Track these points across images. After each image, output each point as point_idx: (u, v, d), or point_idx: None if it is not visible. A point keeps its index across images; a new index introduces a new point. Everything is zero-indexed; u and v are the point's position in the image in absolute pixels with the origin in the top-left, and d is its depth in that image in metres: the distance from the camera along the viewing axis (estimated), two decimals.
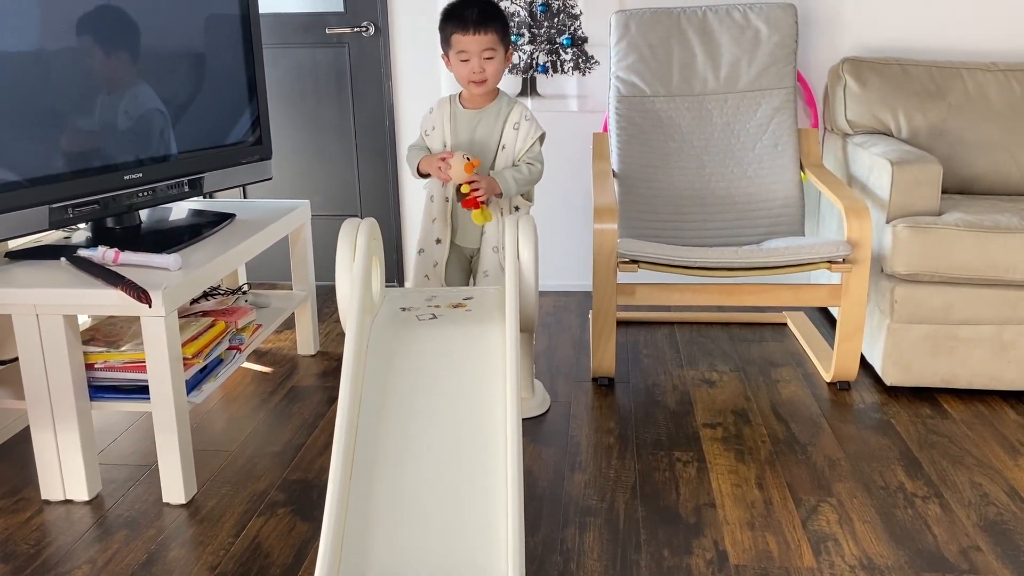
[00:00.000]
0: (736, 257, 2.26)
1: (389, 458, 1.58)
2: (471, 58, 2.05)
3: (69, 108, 1.90)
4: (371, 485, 1.53)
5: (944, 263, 2.22)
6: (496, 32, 2.05)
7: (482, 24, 2.03)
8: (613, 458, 2.04)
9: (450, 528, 1.49)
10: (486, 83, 2.10)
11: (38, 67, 1.83)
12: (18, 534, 1.76)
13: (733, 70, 2.77)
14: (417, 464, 1.56)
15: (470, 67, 2.06)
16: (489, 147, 2.16)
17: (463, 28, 2.03)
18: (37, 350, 1.78)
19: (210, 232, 2.17)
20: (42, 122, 1.85)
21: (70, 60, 1.90)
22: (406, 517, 1.50)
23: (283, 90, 3.21)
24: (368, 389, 1.66)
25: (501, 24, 2.07)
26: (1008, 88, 2.70)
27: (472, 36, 2.03)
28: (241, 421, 2.25)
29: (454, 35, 2.06)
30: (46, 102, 1.85)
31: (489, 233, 2.17)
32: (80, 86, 1.92)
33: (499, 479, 1.54)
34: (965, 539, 1.71)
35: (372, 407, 1.65)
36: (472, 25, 2.02)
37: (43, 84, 1.84)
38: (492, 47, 2.06)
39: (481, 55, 2.05)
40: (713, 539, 1.72)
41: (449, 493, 1.53)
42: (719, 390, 2.41)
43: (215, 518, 1.81)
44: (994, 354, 2.28)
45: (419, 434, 1.60)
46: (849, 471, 1.97)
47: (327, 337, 2.84)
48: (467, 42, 2.04)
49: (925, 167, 2.30)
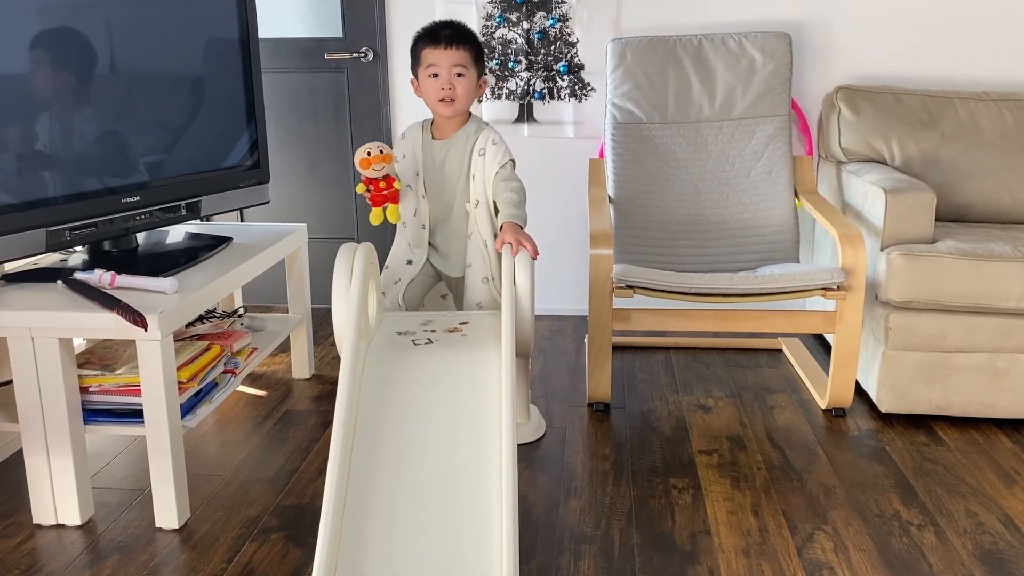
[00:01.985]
0: (731, 283, 2.27)
1: (384, 484, 1.57)
2: (441, 72, 1.98)
3: (66, 131, 1.91)
4: (365, 512, 1.52)
5: (938, 291, 2.23)
6: (468, 51, 1.99)
7: (454, 41, 1.97)
8: (608, 484, 2.03)
9: (445, 556, 1.48)
10: (455, 103, 2.00)
11: (35, 90, 1.84)
12: (9, 559, 1.75)
13: (728, 98, 2.80)
14: (412, 491, 1.55)
15: (439, 83, 1.98)
16: (459, 179, 2.08)
17: (434, 43, 1.97)
18: (32, 373, 1.78)
19: (207, 255, 2.17)
20: (39, 145, 1.85)
21: (68, 83, 1.91)
22: (400, 544, 1.49)
23: (282, 114, 3.23)
24: (363, 414, 1.66)
25: (474, 46, 2.01)
26: (1000, 117, 2.73)
27: (443, 50, 1.96)
28: (235, 445, 2.24)
29: (424, 50, 1.99)
30: (43, 125, 1.86)
31: (476, 264, 2.09)
32: (77, 109, 1.93)
33: (494, 506, 1.54)
34: (961, 568, 1.71)
35: (367, 433, 1.64)
36: (444, 40, 1.97)
37: (40, 107, 1.85)
38: (463, 64, 1.98)
39: (451, 70, 1.97)
40: (709, 567, 1.71)
41: (444, 520, 1.53)
42: (715, 416, 2.40)
43: (208, 543, 1.80)
44: (988, 382, 2.28)
45: (414, 460, 1.59)
46: (844, 499, 1.97)
47: (322, 360, 2.84)
48: (437, 55, 1.97)
49: (919, 195, 2.32)
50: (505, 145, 2.08)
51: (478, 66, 2.02)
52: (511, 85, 3.09)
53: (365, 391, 1.71)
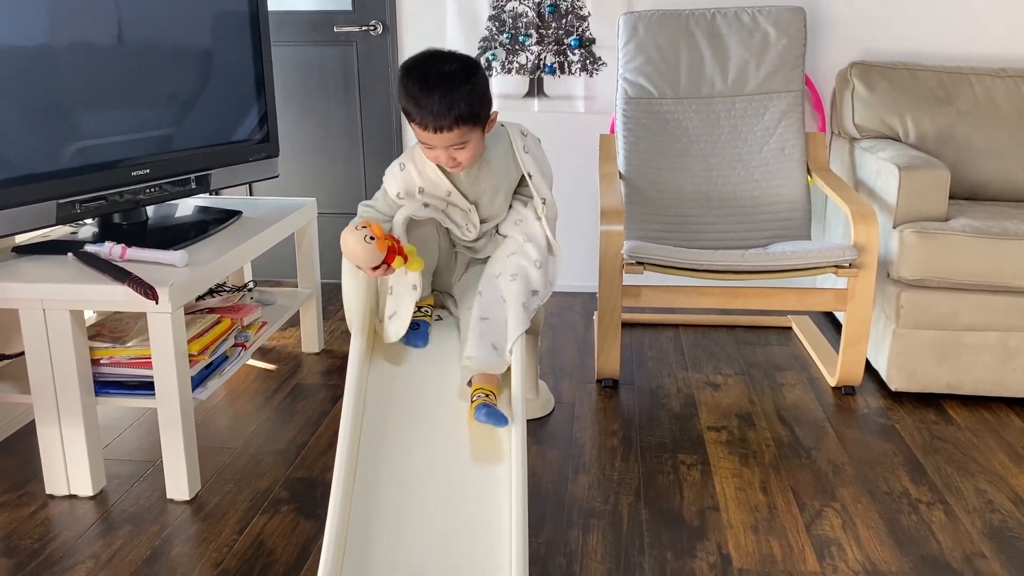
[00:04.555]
0: (742, 260, 2.26)
1: (393, 459, 1.58)
2: (436, 150, 1.63)
3: (77, 103, 1.90)
4: (375, 486, 1.53)
5: (951, 269, 2.21)
6: (464, 124, 1.57)
7: (443, 123, 1.56)
8: (617, 460, 2.03)
9: (453, 528, 1.49)
10: (461, 166, 1.66)
11: (46, 62, 1.83)
12: (22, 528, 1.77)
13: (741, 73, 2.77)
14: (421, 464, 1.55)
15: (436, 156, 1.64)
16: (503, 189, 1.76)
17: (421, 124, 1.58)
18: (43, 345, 1.78)
19: (217, 229, 2.17)
20: (50, 117, 1.85)
21: (78, 55, 1.90)
22: (409, 518, 1.50)
23: (290, 88, 3.21)
24: (373, 391, 1.66)
25: (472, 111, 1.58)
26: (1017, 94, 2.70)
27: (433, 135, 1.58)
28: (245, 418, 2.25)
29: (412, 123, 1.61)
30: (54, 97, 1.85)
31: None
32: (88, 82, 1.92)
33: (503, 480, 1.54)
34: (969, 546, 1.71)
35: (377, 408, 1.65)
36: (432, 123, 1.57)
37: (51, 79, 1.84)
38: (463, 140, 1.60)
39: (448, 149, 1.62)
40: (717, 542, 1.71)
41: (453, 494, 1.53)
42: (723, 393, 2.40)
43: (218, 515, 1.81)
44: (1000, 361, 2.27)
45: (424, 437, 1.60)
46: (853, 476, 1.97)
47: (332, 335, 2.84)
48: (428, 138, 1.60)
49: (933, 172, 2.30)
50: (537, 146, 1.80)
51: (483, 117, 1.63)
52: (521, 59, 3.06)
53: (375, 367, 1.71)
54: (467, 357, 1.62)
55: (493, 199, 1.76)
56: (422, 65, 1.61)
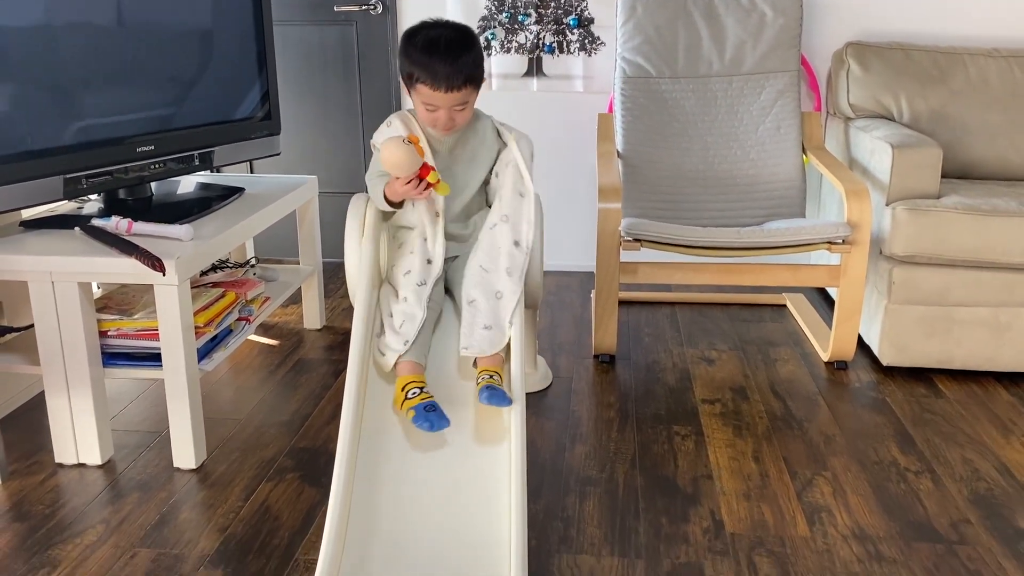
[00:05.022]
0: (737, 237, 2.30)
1: (396, 429, 1.63)
2: (439, 111, 1.73)
3: (83, 81, 1.93)
4: (378, 454, 1.58)
5: (942, 245, 2.25)
6: (471, 85, 1.72)
7: (455, 82, 1.69)
8: (613, 431, 2.08)
9: (454, 495, 1.53)
10: (454, 128, 1.78)
11: (55, 42, 1.86)
12: (33, 495, 1.81)
13: (738, 53, 2.79)
14: (423, 434, 1.60)
15: (436, 117, 1.74)
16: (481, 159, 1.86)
17: (433, 83, 1.69)
18: (52, 316, 1.82)
19: (220, 205, 2.20)
20: (57, 95, 1.88)
21: (86, 35, 1.92)
22: (412, 484, 1.55)
23: (291, 67, 3.23)
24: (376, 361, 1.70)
25: (476, 71, 1.73)
26: (1010, 74, 2.73)
27: (444, 94, 1.70)
28: (249, 391, 2.30)
29: (420, 84, 1.71)
30: (61, 75, 1.88)
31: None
32: (94, 61, 1.95)
33: (503, 449, 1.59)
34: (955, 512, 1.76)
35: (380, 379, 1.69)
36: (444, 83, 1.68)
37: (60, 58, 1.87)
38: (465, 100, 1.73)
39: (451, 109, 1.73)
40: (710, 508, 1.76)
41: (454, 462, 1.58)
42: (718, 368, 2.45)
43: (225, 483, 1.86)
44: (990, 336, 2.32)
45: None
46: (844, 446, 2.01)
47: (333, 312, 2.88)
48: (437, 98, 1.71)
49: (925, 151, 2.33)
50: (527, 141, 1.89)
51: (479, 83, 1.76)
52: (520, 39, 3.09)
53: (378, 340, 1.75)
54: (463, 348, 1.68)
55: (469, 168, 1.85)
56: (426, 31, 1.74)
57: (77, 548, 1.63)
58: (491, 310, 1.70)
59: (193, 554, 1.62)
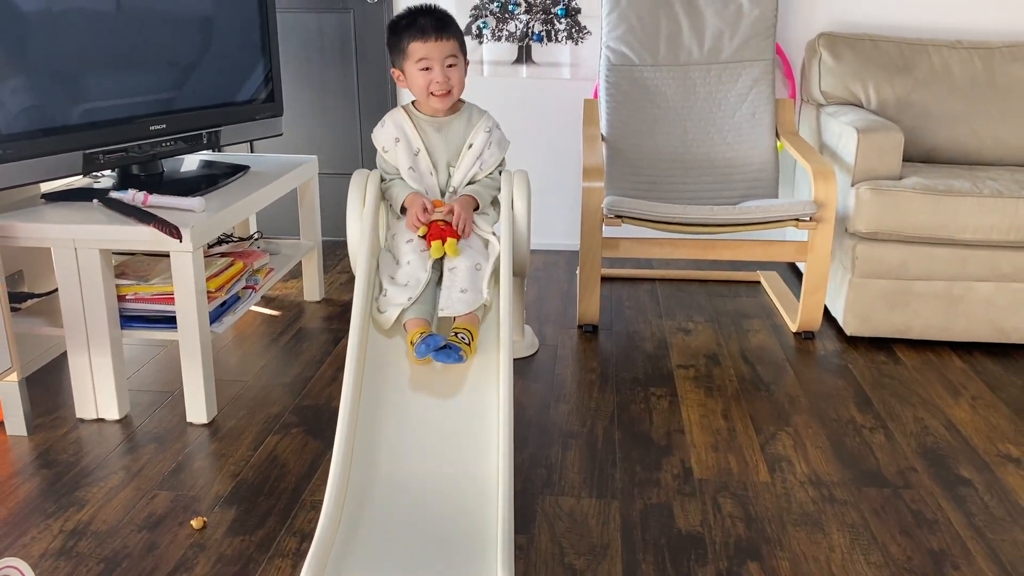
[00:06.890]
0: (711, 214, 2.46)
1: (396, 384, 1.78)
2: (433, 65, 1.90)
3: (101, 63, 2.07)
4: (378, 405, 1.73)
5: (901, 223, 2.42)
6: (456, 39, 1.93)
7: (443, 30, 1.90)
8: (594, 392, 2.24)
9: (447, 443, 1.69)
10: (451, 94, 1.94)
11: (74, 25, 2.00)
12: (57, 446, 1.96)
13: (716, 42, 2.95)
14: (420, 388, 1.75)
15: (432, 76, 1.90)
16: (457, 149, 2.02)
17: (422, 36, 1.89)
18: (75, 281, 1.97)
19: (227, 181, 2.35)
20: (79, 76, 2.02)
21: (102, 20, 2.06)
22: (409, 433, 1.70)
23: (290, 54, 3.37)
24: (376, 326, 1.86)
25: (459, 32, 1.96)
26: (971, 64, 2.90)
27: (434, 43, 1.89)
28: (254, 356, 2.45)
29: (412, 44, 1.90)
30: (80, 58, 2.02)
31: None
32: (110, 43, 2.09)
33: (492, 404, 1.74)
34: (904, 462, 1.93)
35: (379, 341, 1.84)
36: (432, 31, 1.89)
37: (78, 42, 2.01)
38: (454, 54, 1.92)
39: (444, 62, 1.91)
40: (680, 458, 1.93)
41: (448, 413, 1.74)
42: (694, 337, 2.62)
43: (235, 436, 2.01)
44: (945, 307, 2.49)
45: (422, 365, 1.79)
46: (807, 406, 2.18)
47: (332, 286, 3.03)
48: (428, 49, 1.89)
49: (888, 135, 2.50)
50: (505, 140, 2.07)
51: (464, 52, 1.97)
52: (511, 27, 3.24)
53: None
54: (440, 309, 1.84)
55: (459, 153, 2.01)
56: (409, 10, 1.94)
57: (102, 490, 1.79)
58: (470, 278, 1.86)
59: (208, 495, 1.78)
